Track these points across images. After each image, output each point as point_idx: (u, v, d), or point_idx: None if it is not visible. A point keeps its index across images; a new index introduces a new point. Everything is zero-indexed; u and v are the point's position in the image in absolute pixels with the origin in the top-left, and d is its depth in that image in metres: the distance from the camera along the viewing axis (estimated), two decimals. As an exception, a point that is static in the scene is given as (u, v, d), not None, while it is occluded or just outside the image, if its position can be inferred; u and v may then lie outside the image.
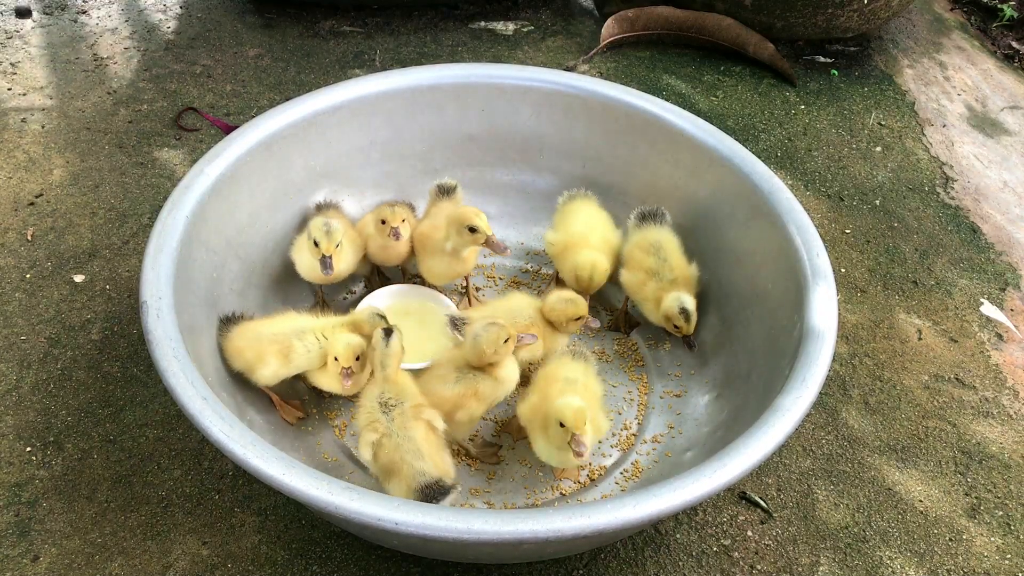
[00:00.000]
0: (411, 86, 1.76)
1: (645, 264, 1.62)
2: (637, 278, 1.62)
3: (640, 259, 1.63)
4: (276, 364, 1.43)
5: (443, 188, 1.71)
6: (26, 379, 1.60)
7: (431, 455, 1.30)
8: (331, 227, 1.53)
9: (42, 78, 2.31)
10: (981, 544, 1.48)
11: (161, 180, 2.03)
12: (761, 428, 1.21)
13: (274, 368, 1.43)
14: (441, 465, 1.30)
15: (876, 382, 1.72)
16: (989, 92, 2.60)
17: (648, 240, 1.64)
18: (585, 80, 1.79)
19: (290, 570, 1.37)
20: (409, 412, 1.33)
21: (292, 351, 1.44)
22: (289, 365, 1.44)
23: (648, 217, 1.67)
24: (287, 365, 1.44)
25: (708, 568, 1.41)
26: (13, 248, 1.84)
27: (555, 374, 1.42)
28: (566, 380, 1.40)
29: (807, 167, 2.23)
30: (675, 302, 1.56)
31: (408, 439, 1.30)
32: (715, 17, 2.55)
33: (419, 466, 1.27)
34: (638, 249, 1.64)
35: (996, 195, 2.22)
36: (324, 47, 2.51)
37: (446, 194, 1.71)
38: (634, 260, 1.64)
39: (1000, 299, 1.93)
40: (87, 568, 1.35)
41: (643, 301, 1.62)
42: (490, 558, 1.36)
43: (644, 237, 1.65)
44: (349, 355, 1.41)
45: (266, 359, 1.43)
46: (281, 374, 1.45)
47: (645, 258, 1.62)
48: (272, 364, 1.43)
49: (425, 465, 1.28)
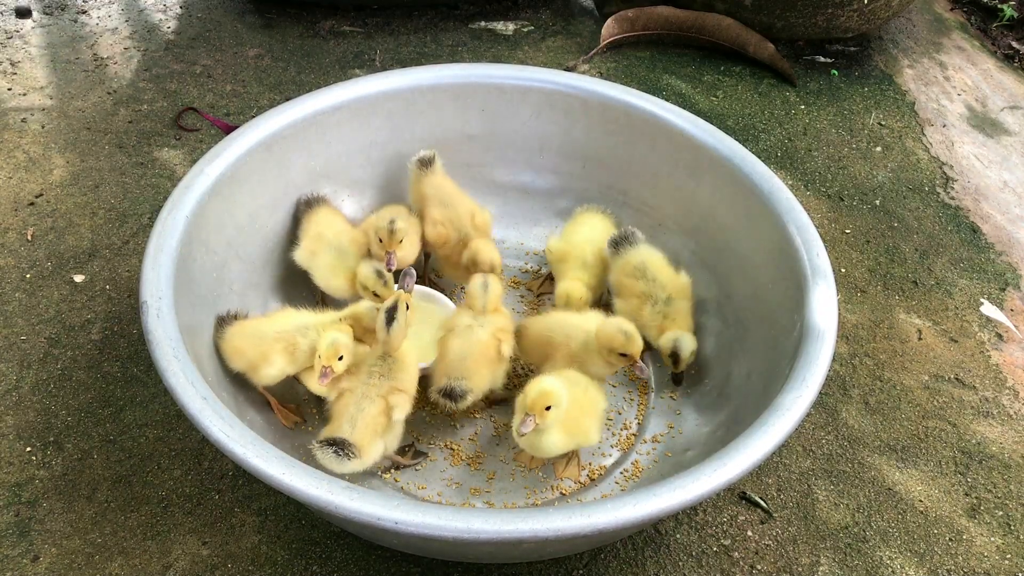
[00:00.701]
0: (411, 86, 1.76)
1: (636, 290, 1.59)
2: (631, 305, 1.60)
3: (630, 286, 1.60)
4: (282, 362, 1.43)
5: (424, 160, 1.71)
6: (26, 379, 1.60)
7: (363, 431, 1.33)
8: (387, 279, 1.51)
9: (42, 78, 2.32)
10: (981, 544, 1.48)
11: (161, 180, 2.03)
12: (761, 428, 1.21)
13: (280, 366, 1.43)
14: (364, 444, 1.32)
15: (876, 382, 1.73)
16: (989, 92, 2.60)
17: (631, 264, 1.61)
18: (585, 80, 1.79)
19: (290, 570, 1.37)
20: (382, 388, 1.36)
21: (297, 348, 1.43)
22: (295, 363, 1.44)
23: (622, 242, 1.63)
24: (293, 363, 1.44)
25: (708, 568, 1.41)
26: (13, 248, 1.84)
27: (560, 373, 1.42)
28: (567, 378, 1.40)
29: (807, 167, 2.23)
30: (669, 343, 1.53)
31: (359, 408, 1.34)
32: (715, 17, 2.55)
33: (346, 429, 1.33)
34: (624, 276, 1.61)
35: (996, 195, 2.22)
36: (324, 47, 2.51)
37: (426, 166, 1.71)
38: (624, 288, 1.61)
39: (1000, 299, 1.93)
40: (87, 568, 1.35)
41: (644, 329, 1.56)
42: (490, 558, 1.37)
43: (626, 262, 1.61)
44: (330, 354, 1.38)
45: (271, 358, 1.42)
46: (287, 372, 1.45)
47: (634, 284, 1.59)
48: (278, 362, 1.43)
49: (352, 434, 1.32)
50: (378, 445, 1.35)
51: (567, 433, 1.37)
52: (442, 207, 1.68)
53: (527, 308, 1.76)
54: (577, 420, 1.37)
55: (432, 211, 1.68)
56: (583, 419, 1.38)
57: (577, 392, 1.38)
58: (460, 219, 1.66)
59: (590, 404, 1.41)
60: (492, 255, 1.60)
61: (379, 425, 1.35)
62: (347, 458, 1.30)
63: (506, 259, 1.83)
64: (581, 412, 1.38)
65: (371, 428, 1.34)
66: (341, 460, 1.30)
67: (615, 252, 1.64)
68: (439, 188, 1.70)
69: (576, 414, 1.37)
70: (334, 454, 1.29)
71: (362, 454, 1.32)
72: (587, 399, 1.41)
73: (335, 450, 1.29)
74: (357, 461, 1.31)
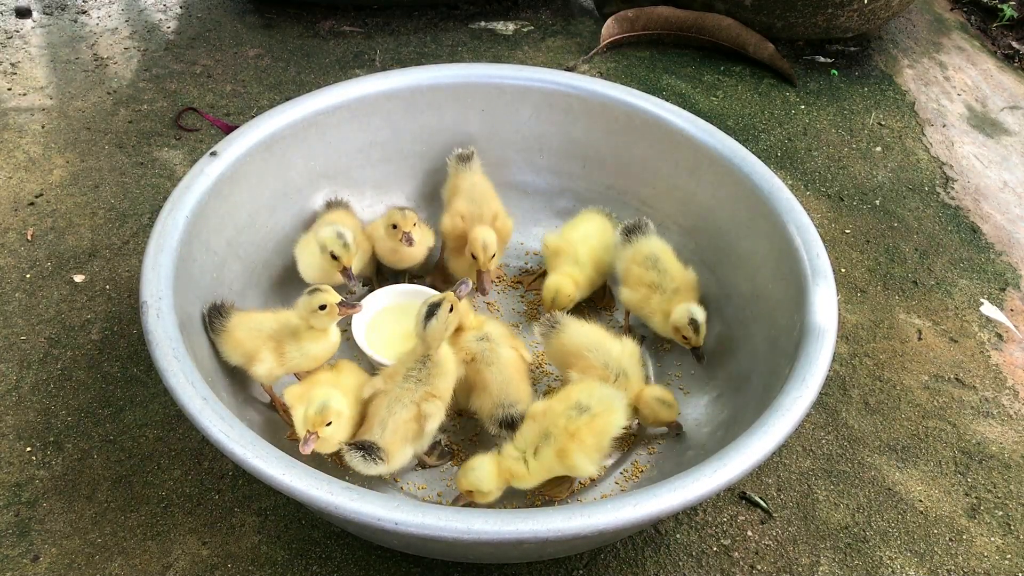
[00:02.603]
0: (411, 86, 1.76)
1: (646, 279, 1.59)
2: (639, 294, 1.60)
3: (639, 274, 1.60)
4: (271, 361, 1.42)
5: (462, 156, 1.74)
6: (26, 379, 1.60)
7: (392, 436, 1.32)
8: (347, 239, 1.53)
9: (42, 78, 2.32)
10: (981, 544, 1.48)
11: (161, 180, 2.03)
12: (761, 428, 1.21)
13: (269, 365, 1.42)
14: (393, 450, 1.32)
15: (876, 382, 1.73)
16: (989, 92, 2.60)
17: (643, 254, 1.61)
18: (585, 80, 1.79)
19: (290, 570, 1.37)
20: (417, 394, 1.35)
21: (286, 351, 1.42)
22: (285, 364, 1.43)
23: (635, 230, 1.64)
24: (282, 364, 1.43)
25: (708, 568, 1.41)
26: (13, 248, 1.84)
27: (571, 395, 1.38)
28: (578, 406, 1.35)
29: (807, 167, 2.23)
30: (685, 313, 1.53)
31: (391, 411, 1.33)
32: (715, 17, 2.55)
33: (376, 432, 1.32)
34: (635, 265, 1.61)
35: (996, 195, 2.22)
36: (324, 47, 2.51)
37: (464, 162, 1.74)
38: (633, 276, 1.61)
39: (1000, 299, 1.93)
40: (87, 568, 1.35)
41: (650, 316, 1.59)
42: (490, 558, 1.36)
43: (638, 251, 1.62)
44: (316, 420, 1.30)
45: (261, 355, 1.41)
46: (276, 373, 1.43)
47: (644, 273, 1.59)
48: (267, 360, 1.41)
49: (382, 437, 1.32)
50: (407, 450, 1.35)
51: (598, 452, 1.35)
52: (469, 202, 1.69)
53: (527, 307, 1.76)
54: (601, 443, 1.35)
55: (458, 203, 1.70)
56: (605, 441, 1.36)
57: (606, 415, 1.35)
58: (482, 218, 1.67)
59: (615, 427, 1.38)
60: (485, 236, 1.59)
61: (410, 431, 1.34)
62: (374, 462, 1.29)
63: (506, 259, 1.83)
64: (605, 434, 1.36)
65: (401, 434, 1.33)
66: (368, 464, 1.30)
67: (626, 240, 1.64)
68: (474, 185, 1.72)
69: (602, 437, 1.35)
70: (362, 458, 1.29)
71: (389, 459, 1.31)
72: (612, 422, 1.37)
73: (363, 454, 1.29)
74: (384, 466, 1.31)
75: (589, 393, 1.36)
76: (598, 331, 1.51)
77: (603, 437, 1.35)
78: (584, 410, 1.34)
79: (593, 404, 1.34)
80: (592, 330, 1.51)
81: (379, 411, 1.35)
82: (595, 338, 1.49)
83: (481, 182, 1.73)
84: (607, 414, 1.35)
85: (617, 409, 1.36)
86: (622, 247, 1.64)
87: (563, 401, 1.36)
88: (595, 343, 1.48)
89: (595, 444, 1.34)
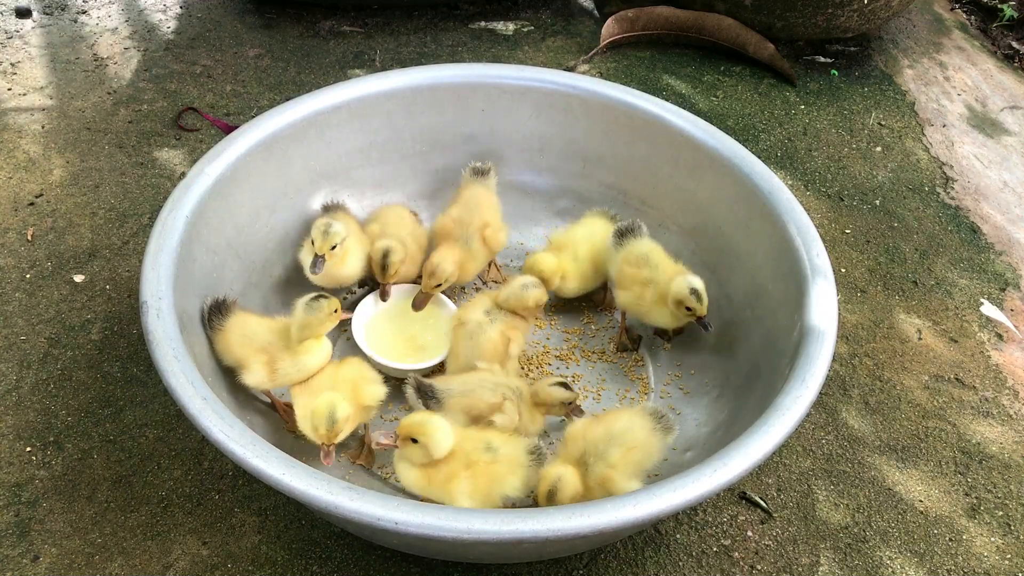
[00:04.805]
0: (411, 86, 1.76)
1: (639, 278, 1.59)
2: (634, 293, 1.60)
3: (632, 274, 1.60)
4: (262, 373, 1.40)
5: (476, 170, 1.74)
6: (26, 379, 1.60)
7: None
8: (330, 228, 1.53)
9: (42, 78, 2.32)
10: (981, 544, 1.48)
11: (161, 180, 2.03)
12: (761, 428, 1.21)
13: (258, 378, 1.40)
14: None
15: (876, 382, 1.73)
16: (989, 92, 2.60)
17: (635, 254, 1.61)
18: (585, 80, 1.79)
19: (290, 570, 1.37)
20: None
21: (277, 366, 1.41)
22: (276, 380, 1.41)
23: (627, 233, 1.64)
24: (273, 379, 1.41)
25: (708, 568, 1.41)
26: (13, 248, 1.84)
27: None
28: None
29: (807, 167, 2.23)
30: (684, 284, 1.52)
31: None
32: (715, 17, 2.55)
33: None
34: (628, 265, 1.61)
35: (996, 195, 2.22)
36: (324, 47, 2.51)
37: (478, 175, 1.74)
38: (627, 277, 1.61)
39: (1000, 299, 1.93)
40: (87, 568, 1.35)
41: (647, 311, 1.59)
42: (490, 558, 1.36)
43: (630, 252, 1.62)
44: (330, 437, 1.31)
45: (251, 366, 1.39)
46: (265, 386, 1.42)
47: (638, 272, 1.59)
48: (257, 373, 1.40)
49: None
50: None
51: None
52: (463, 207, 1.69)
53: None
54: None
55: (453, 207, 1.70)
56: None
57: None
58: (470, 224, 1.66)
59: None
60: (439, 262, 1.59)
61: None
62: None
63: (506, 259, 1.84)
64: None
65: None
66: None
67: (619, 243, 1.64)
68: (477, 196, 1.71)
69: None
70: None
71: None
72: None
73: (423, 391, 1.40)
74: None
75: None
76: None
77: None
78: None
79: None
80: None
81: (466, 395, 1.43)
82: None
83: (485, 195, 1.72)
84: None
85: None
86: (615, 250, 1.64)
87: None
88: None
89: None
